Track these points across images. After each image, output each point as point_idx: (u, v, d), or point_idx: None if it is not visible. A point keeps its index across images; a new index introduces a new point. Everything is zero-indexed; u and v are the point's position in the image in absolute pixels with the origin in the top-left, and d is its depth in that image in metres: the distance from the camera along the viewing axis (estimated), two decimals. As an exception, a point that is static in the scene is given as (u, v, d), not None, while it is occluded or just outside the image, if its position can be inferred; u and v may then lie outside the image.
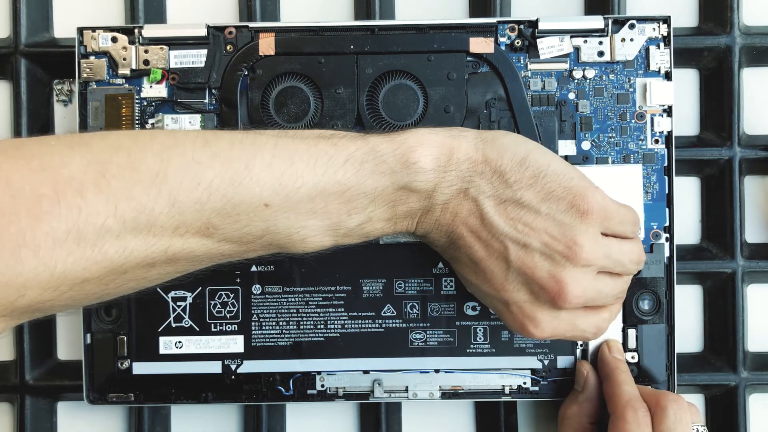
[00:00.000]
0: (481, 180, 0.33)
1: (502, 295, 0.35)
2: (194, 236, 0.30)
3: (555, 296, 0.33)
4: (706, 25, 0.44)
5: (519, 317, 0.35)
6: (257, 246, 0.32)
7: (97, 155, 0.28)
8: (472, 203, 0.34)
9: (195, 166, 0.29)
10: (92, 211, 0.27)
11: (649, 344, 0.41)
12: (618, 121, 0.41)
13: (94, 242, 0.27)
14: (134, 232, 0.28)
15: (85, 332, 0.41)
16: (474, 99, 0.41)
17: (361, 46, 0.41)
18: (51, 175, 0.27)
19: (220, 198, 0.30)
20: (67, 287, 0.28)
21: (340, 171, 0.32)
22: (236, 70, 0.41)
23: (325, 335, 0.42)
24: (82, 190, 0.27)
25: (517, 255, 0.34)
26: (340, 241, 0.34)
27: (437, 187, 0.33)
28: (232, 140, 0.31)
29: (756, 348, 0.45)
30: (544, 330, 0.35)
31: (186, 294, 0.42)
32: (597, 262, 0.34)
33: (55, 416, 0.45)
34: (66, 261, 0.27)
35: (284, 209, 0.31)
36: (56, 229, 0.27)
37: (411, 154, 0.33)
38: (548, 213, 0.33)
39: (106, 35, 0.41)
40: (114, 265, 0.29)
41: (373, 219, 0.34)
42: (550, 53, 0.41)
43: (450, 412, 0.45)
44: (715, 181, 0.44)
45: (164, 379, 0.42)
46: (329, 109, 0.41)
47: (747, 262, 0.43)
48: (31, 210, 0.26)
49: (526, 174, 0.33)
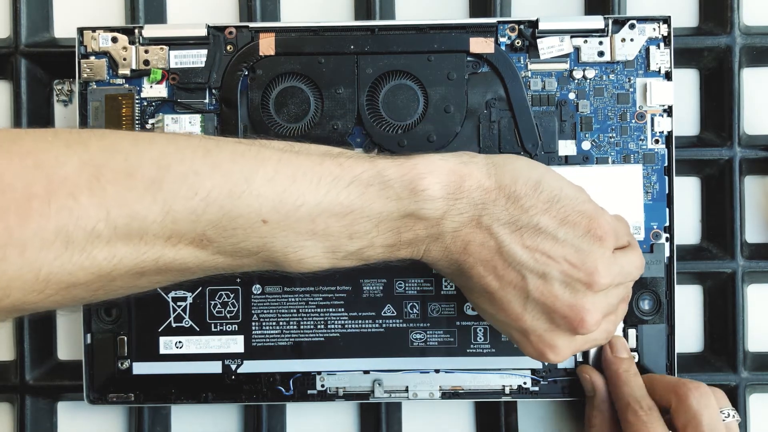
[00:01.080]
0: (495, 207, 0.33)
1: (519, 324, 0.34)
2: (187, 247, 0.29)
3: (577, 325, 0.33)
4: (706, 25, 0.44)
5: (539, 346, 0.34)
6: (252, 262, 0.32)
7: (94, 157, 0.27)
8: (486, 233, 0.33)
9: (193, 177, 0.29)
10: (83, 214, 0.26)
11: (649, 344, 0.41)
12: (618, 121, 0.41)
13: (83, 247, 0.27)
14: (125, 239, 0.28)
15: (85, 332, 0.41)
16: (474, 99, 0.41)
17: (361, 46, 0.41)
18: (45, 174, 0.26)
19: (216, 210, 0.29)
20: (53, 291, 0.27)
21: (344, 192, 0.31)
22: (236, 70, 0.41)
23: (325, 335, 0.42)
24: (75, 193, 0.26)
25: (535, 286, 0.33)
26: (337, 264, 0.33)
27: (446, 215, 0.32)
28: (234, 151, 0.30)
29: (756, 348, 0.45)
30: (564, 355, 0.34)
31: (186, 294, 0.42)
32: (613, 284, 0.34)
33: (55, 416, 0.45)
34: (53, 264, 0.26)
35: (283, 227, 0.30)
36: (44, 230, 0.26)
37: (420, 181, 0.32)
38: (566, 239, 0.33)
39: (106, 35, 0.41)
40: (102, 272, 0.28)
41: (375, 245, 0.32)
42: (550, 53, 0.41)
43: (450, 412, 0.45)
44: (715, 181, 0.44)
45: (164, 379, 0.42)
46: (329, 109, 0.41)
47: (747, 262, 0.43)
48: (20, 208, 0.25)
49: (541, 198, 0.33)
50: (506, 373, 0.42)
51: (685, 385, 0.37)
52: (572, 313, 0.33)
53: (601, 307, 0.34)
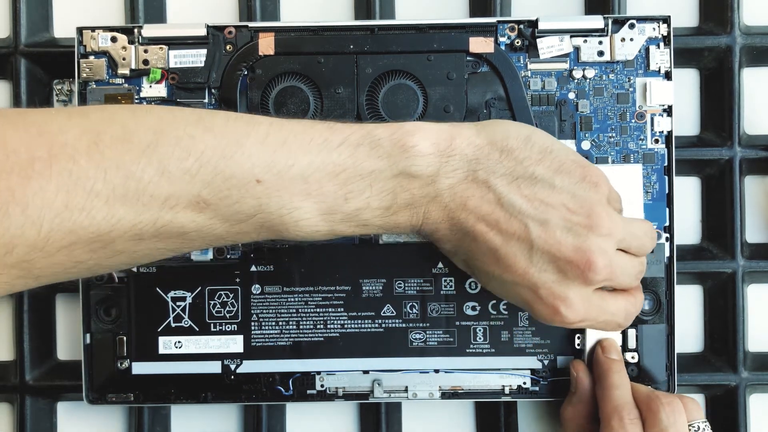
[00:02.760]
0: (489, 161, 0.33)
1: (527, 279, 0.33)
2: (184, 210, 0.30)
3: (584, 268, 0.33)
4: (706, 25, 0.44)
5: (550, 300, 0.33)
6: (250, 227, 0.32)
7: (94, 125, 0.29)
8: (483, 186, 0.33)
9: (187, 139, 0.30)
10: (82, 175, 0.28)
11: (649, 344, 0.41)
12: (618, 120, 0.41)
13: (83, 206, 0.28)
14: (122, 200, 0.29)
15: (85, 332, 0.41)
16: (474, 99, 0.41)
17: (361, 46, 0.41)
18: (47, 140, 0.28)
19: (210, 170, 0.30)
20: (54, 248, 0.29)
21: (335, 152, 0.32)
22: (236, 69, 0.41)
23: (324, 335, 0.42)
24: (75, 156, 0.28)
25: (538, 234, 0.33)
26: (335, 228, 0.33)
27: (440, 172, 0.33)
28: (227, 117, 0.32)
29: (756, 348, 0.45)
30: (578, 311, 0.33)
31: (185, 294, 0.42)
32: (616, 232, 0.33)
33: (54, 416, 0.45)
34: (53, 221, 0.28)
35: (277, 187, 0.31)
36: (45, 189, 0.28)
37: (408, 138, 0.32)
38: (562, 186, 0.33)
39: (105, 35, 0.41)
40: (101, 231, 0.29)
41: (371, 206, 0.33)
42: (550, 53, 0.41)
43: (450, 412, 0.45)
44: (715, 181, 0.44)
45: (164, 379, 0.42)
46: (329, 109, 0.41)
47: (747, 262, 0.43)
48: (23, 169, 0.27)
49: (534, 150, 0.33)
50: (506, 373, 0.42)
51: (657, 399, 0.37)
52: (578, 256, 0.33)
53: (608, 253, 0.33)
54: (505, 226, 0.33)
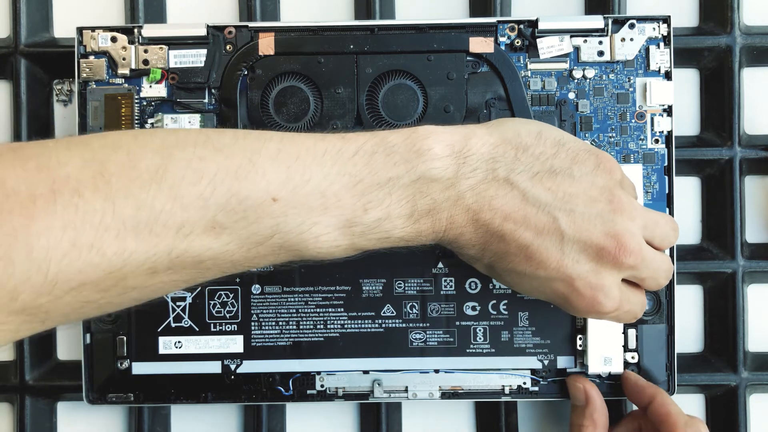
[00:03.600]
0: (506, 159, 0.33)
1: (562, 272, 0.33)
2: (200, 237, 0.29)
3: (616, 252, 0.32)
4: (706, 24, 0.44)
5: (588, 291, 0.33)
6: (267, 249, 0.31)
7: (96, 154, 0.27)
8: (505, 184, 0.32)
9: (197, 161, 0.28)
10: (89, 209, 0.26)
11: (649, 344, 0.41)
12: (618, 120, 0.41)
13: (92, 243, 0.26)
14: (134, 232, 0.27)
15: (85, 332, 0.41)
16: (474, 99, 0.41)
17: (361, 46, 0.41)
18: (47, 175, 0.26)
19: (224, 192, 0.28)
20: (62, 291, 0.27)
21: (350, 163, 0.31)
22: (236, 69, 0.41)
23: (324, 335, 0.42)
24: (80, 189, 0.26)
25: (567, 224, 0.32)
26: (356, 242, 0.32)
27: (459, 173, 0.32)
28: (236, 135, 0.30)
29: (756, 348, 0.45)
30: (615, 299, 0.33)
31: (185, 294, 0.42)
32: (638, 216, 0.34)
33: (54, 416, 0.45)
34: (60, 262, 0.26)
35: (293, 204, 0.30)
36: (51, 228, 0.25)
37: (422, 141, 0.32)
38: (581, 175, 0.33)
39: (105, 35, 0.41)
40: (112, 268, 0.27)
41: (391, 215, 0.31)
42: (550, 53, 0.41)
43: (450, 412, 0.45)
44: (715, 181, 0.44)
45: (164, 379, 0.42)
46: (329, 109, 0.41)
47: (747, 262, 0.43)
48: (25, 209, 0.25)
49: (548, 144, 0.33)
50: (506, 373, 0.42)
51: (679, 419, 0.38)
52: (609, 241, 0.32)
53: (635, 232, 0.33)
54: (534, 220, 0.32)
